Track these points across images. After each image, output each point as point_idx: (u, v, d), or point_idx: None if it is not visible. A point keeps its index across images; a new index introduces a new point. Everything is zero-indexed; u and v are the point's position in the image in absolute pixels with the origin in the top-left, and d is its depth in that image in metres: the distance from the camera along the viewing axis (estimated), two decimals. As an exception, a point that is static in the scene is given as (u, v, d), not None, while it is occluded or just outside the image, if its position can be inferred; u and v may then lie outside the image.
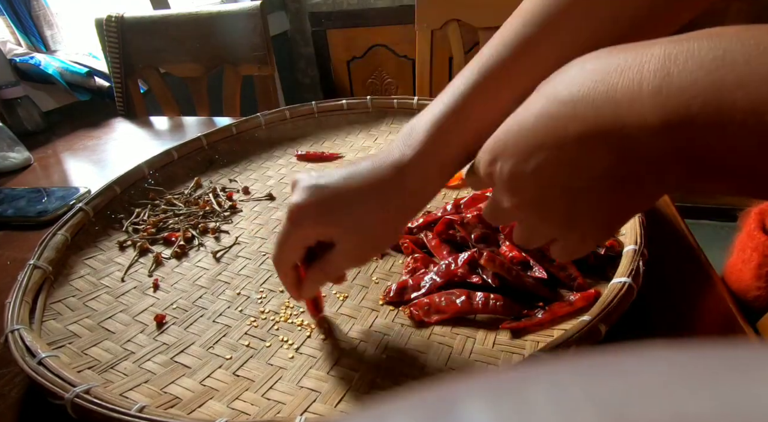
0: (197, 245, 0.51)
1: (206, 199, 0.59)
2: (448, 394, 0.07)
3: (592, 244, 0.27)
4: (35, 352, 0.34)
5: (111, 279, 0.47)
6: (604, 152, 0.21)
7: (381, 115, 0.77)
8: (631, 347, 0.07)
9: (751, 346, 0.07)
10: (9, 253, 0.53)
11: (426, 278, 0.41)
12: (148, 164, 0.62)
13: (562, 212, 0.25)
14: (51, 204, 0.61)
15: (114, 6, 1.05)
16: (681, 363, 0.06)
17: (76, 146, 0.86)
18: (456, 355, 0.35)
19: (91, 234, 0.53)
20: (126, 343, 0.39)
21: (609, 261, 0.40)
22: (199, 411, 0.33)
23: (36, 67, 0.99)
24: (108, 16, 0.99)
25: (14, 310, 0.39)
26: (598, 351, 0.07)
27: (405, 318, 0.39)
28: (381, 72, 1.90)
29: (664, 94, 0.19)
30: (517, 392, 0.06)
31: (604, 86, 0.20)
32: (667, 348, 0.07)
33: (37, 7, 1.05)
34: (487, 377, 0.07)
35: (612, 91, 0.20)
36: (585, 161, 0.22)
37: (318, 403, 0.32)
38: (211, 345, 0.38)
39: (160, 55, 1.03)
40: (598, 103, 0.21)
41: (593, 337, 0.31)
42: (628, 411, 0.06)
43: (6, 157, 0.76)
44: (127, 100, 1.04)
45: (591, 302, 0.36)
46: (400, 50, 1.82)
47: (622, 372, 0.06)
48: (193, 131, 0.86)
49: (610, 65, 0.21)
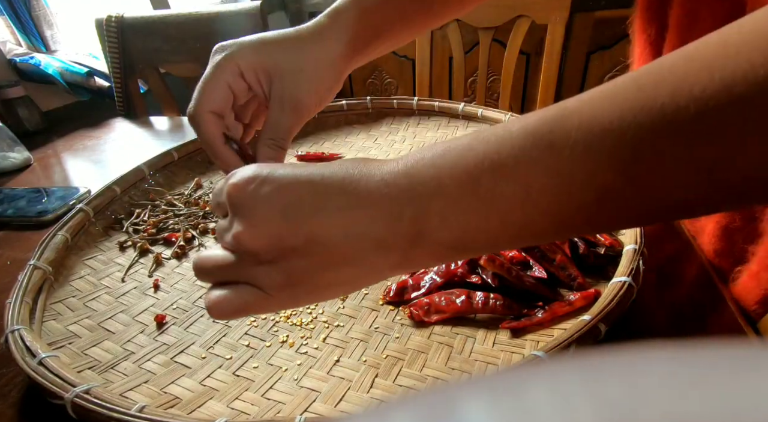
0: (197, 246, 0.51)
1: (206, 199, 0.59)
2: (448, 394, 0.07)
3: (290, 303, 0.25)
4: (35, 352, 0.34)
5: (111, 280, 0.47)
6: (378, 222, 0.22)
7: (381, 115, 0.77)
8: (631, 347, 0.07)
9: (751, 346, 0.07)
10: (9, 253, 0.53)
11: (426, 278, 0.41)
12: (148, 164, 0.62)
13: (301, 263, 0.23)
14: (51, 204, 0.61)
15: (114, 6, 1.05)
16: (681, 362, 0.06)
17: (76, 146, 0.86)
18: (456, 355, 0.35)
19: (91, 235, 0.53)
20: (126, 343, 0.39)
21: (609, 261, 0.40)
22: (199, 411, 0.33)
23: (36, 67, 0.99)
24: (108, 16, 0.99)
25: (14, 310, 0.39)
26: (598, 351, 0.07)
27: (405, 318, 0.39)
28: (381, 72, 1.89)
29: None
30: (517, 392, 0.06)
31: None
32: (667, 348, 0.07)
33: (37, 7, 1.05)
34: (487, 377, 0.07)
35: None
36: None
37: (318, 403, 0.32)
38: (211, 345, 0.38)
39: (160, 55, 1.03)
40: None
41: (593, 337, 0.31)
42: (628, 411, 0.06)
43: (6, 157, 0.76)
44: (127, 101, 1.04)
45: (591, 302, 0.36)
46: (400, 50, 1.82)
47: (622, 372, 0.06)
48: (192, 131, 0.86)
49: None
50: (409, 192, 0.22)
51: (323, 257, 0.23)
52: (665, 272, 0.40)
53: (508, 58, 1.05)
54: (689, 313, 0.37)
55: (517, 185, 0.20)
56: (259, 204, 0.23)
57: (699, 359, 0.06)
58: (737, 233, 0.38)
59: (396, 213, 0.22)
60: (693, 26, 0.39)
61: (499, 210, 0.21)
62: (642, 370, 0.06)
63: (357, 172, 0.23)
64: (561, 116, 0.20)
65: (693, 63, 0.17)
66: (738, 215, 0.38)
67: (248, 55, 0.34)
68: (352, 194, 0.23)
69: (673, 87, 0.17)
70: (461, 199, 0.21)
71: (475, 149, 0.21)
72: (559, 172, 0.19)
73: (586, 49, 1.51)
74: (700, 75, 0.17)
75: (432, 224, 0.22)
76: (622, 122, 0.18)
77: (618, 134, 0.18)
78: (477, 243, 0.22)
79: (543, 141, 0.20)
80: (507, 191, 0.20)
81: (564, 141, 0.19)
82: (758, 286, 0.35)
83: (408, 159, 0.23)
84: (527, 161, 0.20)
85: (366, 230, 0.22)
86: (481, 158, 0.21)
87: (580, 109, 0.19)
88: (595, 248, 0.41)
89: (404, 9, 0.39)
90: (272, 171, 0.24)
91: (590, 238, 0.42)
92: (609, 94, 0.19)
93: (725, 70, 0.16)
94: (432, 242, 0.22)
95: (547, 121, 0.20)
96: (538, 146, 0.20)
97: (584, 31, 1.48)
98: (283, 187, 0.23)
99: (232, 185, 0.24)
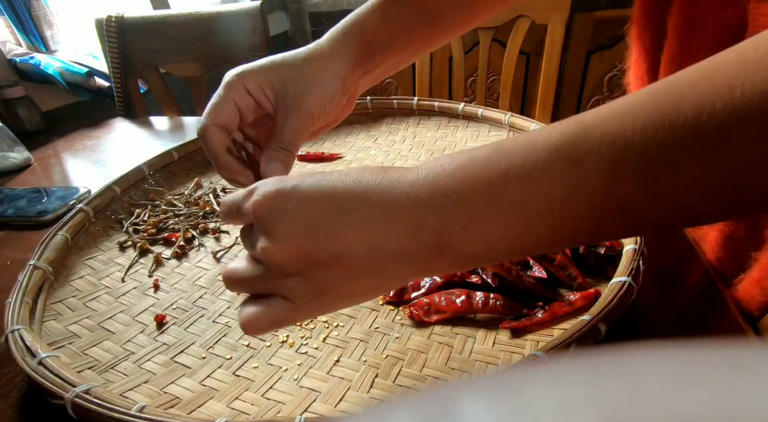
0: (197, 246, 0.51)
1: (206, 199, 0.59)
2: (448, 394, 0.07)
3: (317, 312, 0.26)
4: (35, 352, 0.34)
5: (111, 280, 0.47)
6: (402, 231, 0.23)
7: (381, 115, 0.77)
8: (631, 347, 0.07)
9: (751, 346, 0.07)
10: (9, 253, 0.53)
11: (426, 278, 0.41)
12: (148, 164, 0.62)
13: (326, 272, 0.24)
14: (51, 204, 0.61)
15: (114, 6, 1.05)
16: (681, 362, 0.06)
17: (76, 146, 0.86)
18: (456, 355, 0.35)
19: (91, 235, 0.53)
20: (126, 343, 0.39)
21: (609, 261, 0.40)
22: (199, 411, 0.33)
23: (36, 67, 0.99)
24: (108, 16, 0.99)
25: (14, 310, 0.39)
26: (598, 351, 0.07)
27: (405, 318, 0.39)
28: (381, 72, 1.89)
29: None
30: (517, 392, 0.06)
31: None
32: (667, 348, 0.07)
33: (37, 7, 1.05)
34: (487, 377, 0.07)
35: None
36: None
37: (318, 403, 0.32)
38: (211, 345, 0.38)
39: (160, 55, 1.03)
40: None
41: (593, 337, 0.31)
42: (628, 410, 0.06)
43: (6, 157, 0.76)
44: (127, 101, 1.04)
45: (591, 302, 0.36)
46: (400, 50, 1.82)
47: (622, 372, 0.06)
48: (193, 131, 0.86)
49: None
50: (431, 205, 0.22)
51: (347, 268, 0.24)
52: (666, 272, 0.40)
53: (508, 58, 1.05)
54: (689, 313, 0.37)
55: (539, 197, 0.21)
56: (284, 220, 0.24)
57: (699, 359, 0.06)
58: (740, 242, 0.38)
59: (418, 225, 0.22)
60: (693, 34, 0.39)
61: (521, 222, 0.21)
62: (642, 370, 0.06)
63: (377, 183, 0.24)
64: (583, 131, 0.20)
65: (713, 81, 0.18)
66: (741, 225, 0.38)
67: (255, 74, 0.36)
68: (374, 206, 0.23)
69: (694, 103, 0.18)
70: (483, 211, 0.22)
71: (497, 162, 0.22)
72: (582, 185, 0.20)
73: (586, 49, 1.51)
74: (719, 92, 0.18)
75: (454, 235, 0.22)
76: (644, 137, 0.19)
77: (640, 149, 0.19)
78: (497, 253, 0.23)
79: (567, 155, 0.20)
80: (530, 203, 0.21)
81: (587, 156, 0.20)
82: (761, 293, 0.35)
83: (429, 170, 0.23)
84: (551, 174, 0.20)
85: (388, 241, 0.23)
86: (504, 171, 0.21)
87: (601, 124, 0.20)
88: (595, 248, 0.41)
89: (406, 25, 0.40)
90: (296, 186, 0.24)
91: (590, 238, 0.42)
92: (629, 109, 0.20)
93: (745, 87, 0.17)
94: (454, 253, 0.23)
95: (570, 135, 0.21)
96: (561, 160, 0.20)
97: (584, 31, 1.48)
98: (306, 202, 0.24)
99: (256, 202, 0.24)
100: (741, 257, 0.37)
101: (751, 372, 0.06)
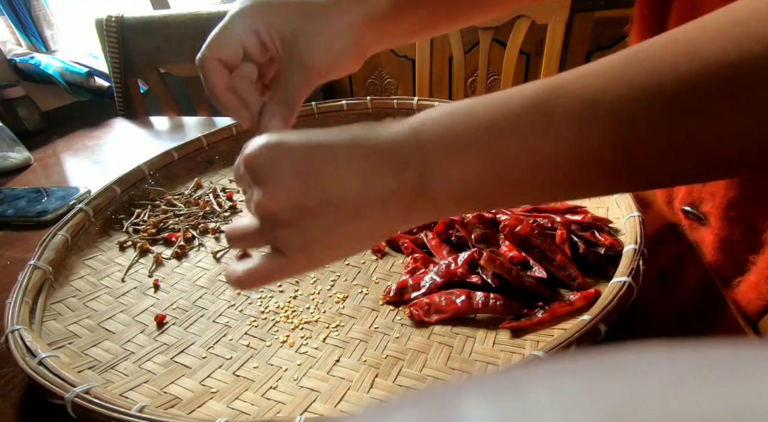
0: (197, 246, 0.51)
1: (206, 199, 0.59)
2: (448, 394, 0.07)
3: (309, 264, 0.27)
4: (35, 352, 0.34)
5: (111, 280, 0.47)
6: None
7: (381, 115, 0.77)
8: (631, 347, 0.07)
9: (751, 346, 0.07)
10: (9, 253, 0.53)
11: (426, 278, 0.41)
12: (148, 164, 0.62)
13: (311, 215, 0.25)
14: (51, 204, 0.61)
15: (114, 6, 1.05)
16: (681, 362, 0.06)
17: (76, 146, 0.86)
18: (456, 355, 0.35)
19: (91, 235, 0.53)
20: (126, 343, 0.39)
21: (609, 260, 0.40)
22: (199, 411, 0.33)
23: (36, 67, 0.99)
24: (108, 16, 0.99)
25: (14, 310, 0.39)
26: (598, 351, 0.07)
27: (405, 318, 0.39)
28: (381, 72, 1.90)
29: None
30: (517, 392, 0.06)
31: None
32: (667, 348, 0.07)
33: (37, 7, 1.05)
34: (487, 377, 0.07)
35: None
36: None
37: (318, 403, 0.32)
38: (211, 345, 0.38)
39: (160, 55, 1.03)
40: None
41: (593, 337, 0.31)
42: (628, 410, 0.06)
43: (6, 157, 0.76)
44: (127, 100, 1.04)
45: (591, 302, 0.36)
46: (400, 50, 1.82)
47: (622, 372, 0.06)
48: (193, 131, 0.86)
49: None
50: (414, 147, 0.24)
51: (335, 215, 0.24)
52: (666, 272, 0.40)
53: (508, 58, 1.05)
54: (689, 313, 0.37)
55: (514, 145, 0.22)
56: (274, 170, 0.24)
57: (699, 359, 0.06)
58: (737, 245, 0.38)
59: (402, 166, 0.24)
60: None
61: (497, 167, 0.23)
62: (642, 370, 0.06)
63: (364, 132, 0.25)
64: (557, 86, 0.22)
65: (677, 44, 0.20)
66: (738, 228, 0.38)
67: (268, 14, 0.35)
68: (360, 148, 0.24)
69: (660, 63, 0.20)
70: (463, 155, 0.23)
71: (478, 112, 0.23)
72: (554, 135, 0.22)
73: (586, 49, 1.51)
74: (679, 57, 0.19)
75: (435, 176, 0.24)
76: (612, 94, 0.20)
77: (608, 105, 0.20)
78: (476, 197, 0.25)
79: (540, 108, 0.22)
80: (505, 150, 0.23)
81: (559, 109, 0.22)
82: (759, 297, 0.35)
83: (414, 119, 0.25)
84: (525, 124, 0.22)
85: (374, 181, 0.24)
86: (484, 119, 0.23)
87: (574, 81, 0.22)
88: (595, 248, 0.41)
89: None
90: (282, 137, 0.25)
91: (590, 238, 0.42)
92: (599, 69, 0.22)
93: (702, 54, 0.19)
94: (434, 194, 0.24)
95: (544, 89, 0.22)
96: (535, 112, 0.22)
97: (584, 31, 1.48)
98: (294, 150, 0.24)
99: (246, 156, 0.25)
100: (739, 261, 0.37)
101: (752, 371, 0.06)
